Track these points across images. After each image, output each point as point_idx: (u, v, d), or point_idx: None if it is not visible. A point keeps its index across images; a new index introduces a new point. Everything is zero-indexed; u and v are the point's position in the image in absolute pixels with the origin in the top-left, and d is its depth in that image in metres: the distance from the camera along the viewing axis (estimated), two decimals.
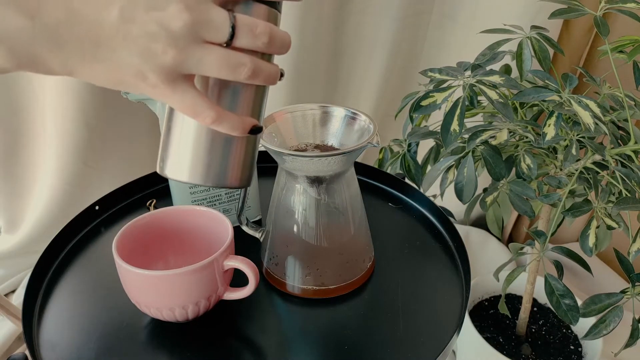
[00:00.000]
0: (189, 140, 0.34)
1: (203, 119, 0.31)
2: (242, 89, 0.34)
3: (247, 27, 0.30)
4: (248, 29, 0.30)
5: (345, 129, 0.53)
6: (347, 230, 0.54)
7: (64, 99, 0.98)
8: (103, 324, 0.50)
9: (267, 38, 0.31)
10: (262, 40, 0.30)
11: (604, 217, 0.57)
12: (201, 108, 0.30)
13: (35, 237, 1.11)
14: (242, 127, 0.32)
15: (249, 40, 0.30)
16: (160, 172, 0.36)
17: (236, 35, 0.30)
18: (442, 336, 0.49)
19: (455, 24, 1.04)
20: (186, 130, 0.34)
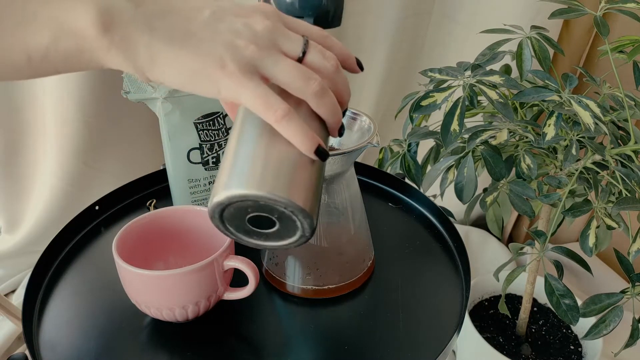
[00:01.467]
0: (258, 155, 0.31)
1: (274, 112, 0.30)
2: (310, 116, 0.33)
3: (318, 48, 0.32)
4: (319, 49, 0.32)
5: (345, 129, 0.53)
6: (347, 230, 0.54)
7: (64, 99, 0.98)
8: (103, 324, 0.50)
9: (335, 63, 0.33)
10: (331, 62, 0.32)
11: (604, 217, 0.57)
12: (273, 99, 0.30)
13: (35, 237, 1.11)
14: (310, 136, 0.31)
15: (319, 59, 0.32)
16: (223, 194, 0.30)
17: (308, 50, 0.32)
18: (442, 336, 0.49)
19: (455, 24, 1.04)
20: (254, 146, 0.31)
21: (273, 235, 0.33)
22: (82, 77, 0.96)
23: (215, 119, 0.57)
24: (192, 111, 0.56)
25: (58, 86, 0.98)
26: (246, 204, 0.30)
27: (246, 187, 0.30)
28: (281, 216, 0.31)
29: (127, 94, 0.55)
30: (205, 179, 0.60)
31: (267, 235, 0.33)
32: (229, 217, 0.32)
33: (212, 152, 0.59)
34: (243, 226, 0.32)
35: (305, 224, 0.31)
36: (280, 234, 0.32)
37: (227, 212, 0.31)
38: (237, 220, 0.32)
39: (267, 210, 0.31)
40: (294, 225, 0.32)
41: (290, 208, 0.30)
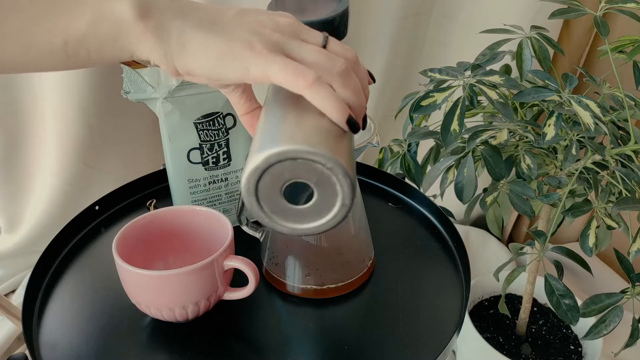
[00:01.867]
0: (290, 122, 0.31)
1: (304, 78, 0.30)
2: None
3: (338, 42, 0.34)
4: (338, 43, 0.34)
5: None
6: (347, 230, 0.54)
7: (64, 99, 0.98)
8: (103, 324, 0.50)
9: (356, 54, 0.34)
10: (352, 53, 0.33)
11: (604, 217, 0.57)
12: (302, 68, 0.30)
13: (35, 237, 1.11)
14: (341, 103, 0.31)
15: (341, 49, 0.33)
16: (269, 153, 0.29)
17: (329, 42, 0.33)
18: (442, 336, 0.49)
19: (455, 24, 1.04)
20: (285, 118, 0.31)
21: (311, 211, 0.31)
22: (82, 77, 0.96)
23: (215, 119, 0.57)
24: (192, 111, 0.56)
25: (58, 86, 0.98)
26: (283, 168, 0.29)
27: (283, 143, 0.29)
28: (320, 180, 0.30)
29: (127, 94, 0.55)
30: (205, 179, 0.60)
31: (304, 214, 0.31)
32: (264, 189, 0.30)
33: (212, 152, 0.59)
34: (278, 203, 0.31)
35: (345, 188, 0.30)
36: (319, 208, 0.31)
37: (263, 184, 0.30)
38: (272, 194, 0.30)
39: (305, 172, 0.29)
40: (333, 192, 0.30)
41: (330, 163, 0.29)
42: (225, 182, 0.61)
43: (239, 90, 0.38)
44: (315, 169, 0.29)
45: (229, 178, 0.61)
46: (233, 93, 0.38)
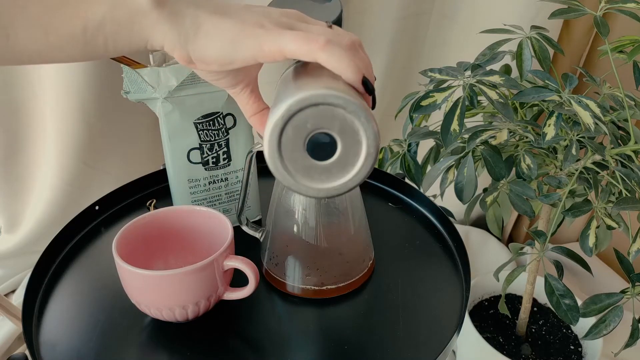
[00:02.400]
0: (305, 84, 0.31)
1: (316, 41, 0.30)
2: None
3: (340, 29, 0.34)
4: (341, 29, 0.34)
5: None
6: (347, 230, 0.54)
7: (64, 98, 0.98)
8: (103, 324, 0.50)
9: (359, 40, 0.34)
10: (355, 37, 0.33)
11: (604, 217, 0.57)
12: (312, 35, 0.31)
13: (35, 237, 1.11)
14: (354, 63, 0.31)
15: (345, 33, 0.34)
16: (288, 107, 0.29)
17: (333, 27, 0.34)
18: (442, 336, 0.49)
19: (455, 24, 1.04)
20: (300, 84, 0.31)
21: (336, 166, 0.31)
22: (82, 77, 0.96)
23: (215, 119, 0.57)
24: (192, 111, 0.56)
25: (58, 86, 0.98)
26: (305, 117, 0.29)
27: (303, 92, 0.29)
28: (342, 127, 0.29)
29: (127, 94, 0.55)
30: (205, 179, 0.60)
31: (329, 171, 0.31)
32: (287, 145, 0.30)
33: (212, 152, 0.59)
34: (303, 160, 0.30)
35: (369, 131, 0.29)
36: (344, 161, 0.30)
37: (286, 139, 0.30)
38: (296, 150, 0.30)
39: (327, 120, 0.29)
40: (357, 141, 0.30)
41: (351, 106, 0.29)
42: (225, 182, 0.61)
43: (248, 90, 0.38)
44: (337, 114, 0.29)
45: (229, 178, 0.61)
46: (242, 93, 0.38)
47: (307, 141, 0.30)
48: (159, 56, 0.56)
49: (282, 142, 0.30)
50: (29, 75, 1.00)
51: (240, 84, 0.37)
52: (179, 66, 0.54)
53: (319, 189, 0.31)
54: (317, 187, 0.31)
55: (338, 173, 0.31)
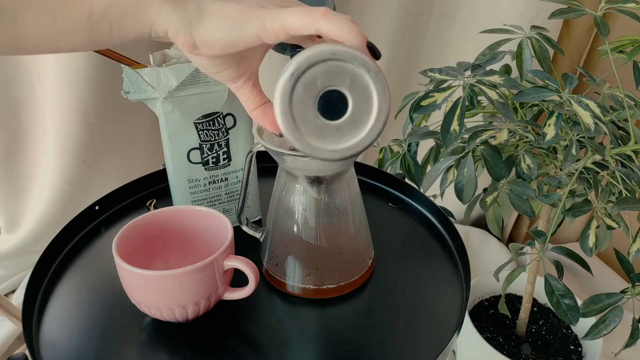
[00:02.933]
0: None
1: (317, 12, 0.31)
2: None
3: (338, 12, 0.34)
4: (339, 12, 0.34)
5: None
6: (347, 230, 0.54)
7: (64, 98, 0.98)
8: (103, 324, 0.50)
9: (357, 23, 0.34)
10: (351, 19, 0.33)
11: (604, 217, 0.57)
12: (312, 7, 0.31)
13: (35, 237, 1.11)
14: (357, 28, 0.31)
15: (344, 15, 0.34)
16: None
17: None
18: (442, 336, 0.49)
19: (455, 24, 1.04)
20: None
21: (348, 124, 0.30)
22: (82, 77, 0.96)
23: (215, 119, 0.57)
24: (192, 111, 0.56)
25: (58, 86, 0.98)
26: (314, 74, 0.29)
27: (310, 51, 0.29)
28: (352, 83, 0.29)
29: (127, 94, 0.55)
30: (205, 179, 0.60)
31: (342, 130, 0.30)
32: (298, 106, 0.30)
33: (212, 152, 0.59)
34: (314, 120, 0.30)
35: (379, 85, 0.29)
36: (356, 119, 0.30)
37: (296, 99, 0.30)
38: (307, 109, 0.30)
39: (337, 76, 0.29)
40: (368, 96, 0.30)
41: (360, 59, 0.29)
42: (225, 182, 0.61)
43: (249, 83, 0.38)
44: (347, 70, 0.29)
45: (229, 178, 0.61)
46: (244, 87, 0.38)
47: (318, 100, 0.30)
48: (159, 56, 0.56)
49: (293, 102, 0.29)
50: (29, 75, 1.00)
51: (243, 76, 0.37)
52: (179, 66, 0.54)
53: (332, 150, 0.31)
54: (330, 148, 0.30)
55: (351, 132, 0.30)
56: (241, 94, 0.39)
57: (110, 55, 0.56)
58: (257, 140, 0.48)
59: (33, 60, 0.98)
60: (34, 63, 0.98)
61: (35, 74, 1.00)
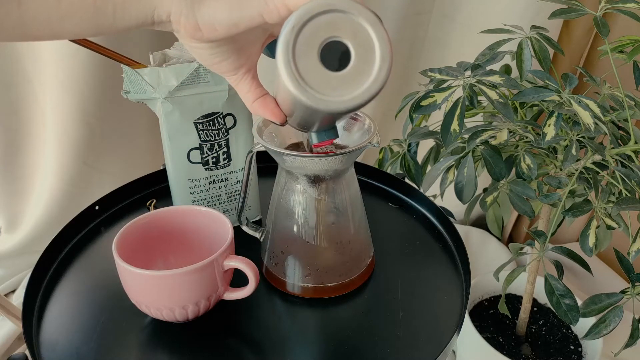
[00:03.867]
0: None
1: None
2: None
3: None
4: None
5: (346, 128, 0.53)
6: (347, 230, 0.54)
7: (64, 98, 0.98)
8: (103, 324, 0.50)
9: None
10: None
11: (604, 217, 0.57)
12: None
13: (35, 237, 1.11)
14: None
15: None
16: None
17: None
18: (442, 336, 0.49)
19: (455, 24, 1.04)
20: None
21: (352, 74, 0.30)
22: (82, 77, 0.96)
23: (215, 119, 0.57)
24: (192, 111, 0.56)
25: (58, 86, 0.98)
26: (316, 26, 0.29)
27: (311, 3, 0.29)
28: (354, 33, 0.30)
29: (127, 94, 0.55)
30: (205, 179, 0.60)
31: (346, 80, 0.30)
32: (301, 59, 0.30)
33: (212, 152, 0.59)
34: (318, 72, 0.30)
35: (380, 34, 0.30)
36: (360, 69, 0.30)
37: (299, 51, 0.29)
38: (310, 62, 0.30)
39: (338, 27, 0.29)
40: (370, 46, 0.30)
41: (361, 10, 0.29)
42: (225, 182, 0.61)
43: (249, 75, 0.38)
44: (347, 20, 0.29)
45: (229, 178, 0.61)
46: (243, 79, 0.38)
47: (320, 52, 0.30)
48: (159, 56, 0.56)
49: (296, 54, 0.29)
50: (29, 75, 1.00)
51: (243, 67, 0.37)
52: (179, 66, 0.54)
53: (338, 100, 0.30)
54: (336, 98, 0.30)
55: (355, 81, 0.30)
56: (241, 86, 0.39)
57: (110, 55, 0.56)
58: (257, 140, 0.48)
59: (33, 60, 0.98)
60: (33, 63, 0.98)
61: (35, 73, 1.00)
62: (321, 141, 0.41)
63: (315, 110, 0.31)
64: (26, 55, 0.98)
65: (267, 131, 0.51)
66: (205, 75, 0.55)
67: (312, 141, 0.42)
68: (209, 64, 0.37)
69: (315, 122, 0.38)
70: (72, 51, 0.93)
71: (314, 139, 0.41)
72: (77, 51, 0.92)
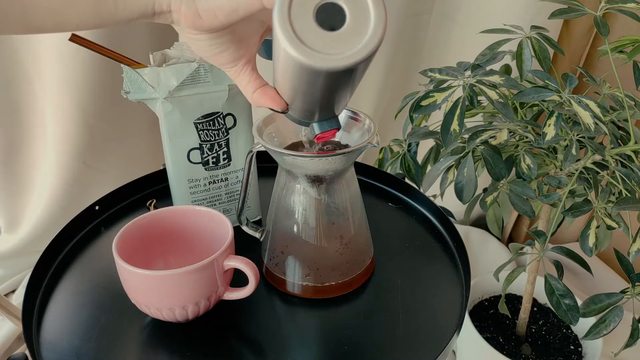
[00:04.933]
0: None
1: None
2: None
3: None
4: None
5: (346, 129, 0.53)
6: (347, 230, 0.54)
7: (64, 98, 0.98)
8: (103, 324, 0.50)
9: None
10: None
11: (604, 217, 0.57)
12: None
13: (35, 237, 1.11)
14: None
15: None
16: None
17: None
18: (442, 336, 0.49)
19: (455, 24, 1.04)
20: None
21: (349, 32, 0.31)
22: (82, 77, 0.96)
23: (215, 119, 0.57)
24: (192, 111, 0.56)
25: (58, 86, 0.98)
26: None
27: None
28: None
29: (127, 94, 0.55)
30: (205, 179, 0.60)
31: (343, 38, 0.31)
32: (297, 20, 0.30)
33: (212, 152, 0.59)
34: (315, 32, 0.30)
35: None
36: (357, 27, 0.31)
37: (294, 13, 0.30)
38: (307, 23, 0.30)
39: None
40: (364, 6, 0.30)
41: None
42: (225, 182, 0.61)
43: (249, 67, 0.38)
44: None
45: (229, 178, 0.61)
46: (243, 71, 0.38)
47: (316, 13, 0.30)
48: (159, 56, 0.56)
49: (292, 15, 0.30)
50: (29, 75, 1.00)
51: (242, 58, 0.37)
52: (179, 66, 0.54)
53: (336, 57, 0.31)
54: (334, 56, 0.31)
55: (353, 39, 0.31)
56: (241, 78, 0.39)
57: (110, 55, 0.56)
58: (257, 140, 0.48)
59: (33, 60, 0.98)
60: (34, 63, 0.99)
61: (35, 74, 1.00)
62: (323, 131, 0.41)
63: (315, 70, 0.31)
64: (26, 55, 0.98)
65: (267, 131, 0.51)
66: (205, 75, 0.55)
67: (315, 132, 0.41)
68: (209, 56, 0.37)
69: (317, 100, 0.37)
70: (72, 51, 0.93)
71: (316, 129, 0.41)
72: (77, 51, 0.92)
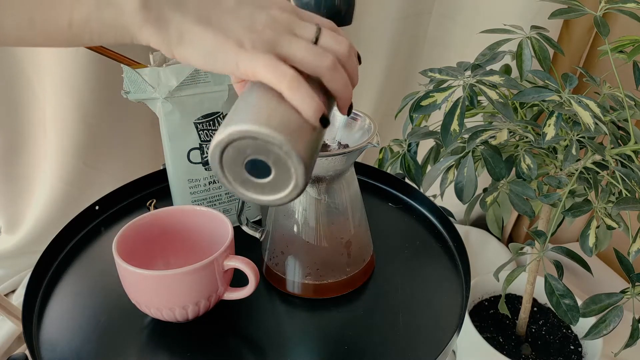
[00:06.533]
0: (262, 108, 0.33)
1: (284, 76, 0.32)
2: (317, 90, 0.34)
3: (331, 33, 0.35)
4: (331, 34, 0.35)
5: (346, 129, 0.53)
6: (347, 230, 0.54)
7: (64, 98, 0.98)
8: (103, 324, 0.50)
9: (347, 46, 0.35)
10: (343, 46, 0.35)
11: (604, 217, 0.57)
12: (284, 67, 0.32)
13: (35, 237, 1.11)
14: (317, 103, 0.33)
15: (332, 43, 0.34)
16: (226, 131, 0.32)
17: (321, 35, 0.35)
18: (442, 336, 0.49)
19: (455, 24, 1.05)
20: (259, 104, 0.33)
21: (268, 186, 0.34)
22: (82, 77, 0.96)
23: (215, 119, 0.57)
24: (192, 111, 0.56)
25: (58, 86, 0.98)
26: (245, 144, 0.32)
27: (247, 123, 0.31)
28: (277, 161, 0.32)
29: (127, 94, 0.55)
30: (205, 179, 0.60)
31: (262, 187, 0.34)
32: (228, 161, 0.33)
33: None
34: (240, 174, 0.33)
35: (299, 172, 0.32)
36: (275, 184, 0.34)
37: (227, 155, 0.32)
38: (235, 166, 0.33)
39: (264, 152, 0.32)
40: (288, 174, 0.33)
41: (286, 148, 0.31)
42: None
43: None
44: (272, 150, 0.32)
45: None
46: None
47: (245, 161, 0.33)
48: (159, 56, 0.56)
49: (224, 157, 0.33)
50: (29, 75, 1.00)
51: None
52: (179, 66, 0.54)
53: (252, 198, 0.34)
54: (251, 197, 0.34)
55: (270, 191, 0.34)
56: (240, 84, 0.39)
57: (110, 55, 0.56)
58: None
59: (33, 60, 0.98)
60: (33, 63, 0.98)
61: (35, 74, 1.00)
62: None
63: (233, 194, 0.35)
64: (26, 55, 0.98)
65: None
66: (205, 75, 0.55)
67: None
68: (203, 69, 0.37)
69: None
70: (72, 51, 0.93)
71: None
72: (77, 51, 0.92)
